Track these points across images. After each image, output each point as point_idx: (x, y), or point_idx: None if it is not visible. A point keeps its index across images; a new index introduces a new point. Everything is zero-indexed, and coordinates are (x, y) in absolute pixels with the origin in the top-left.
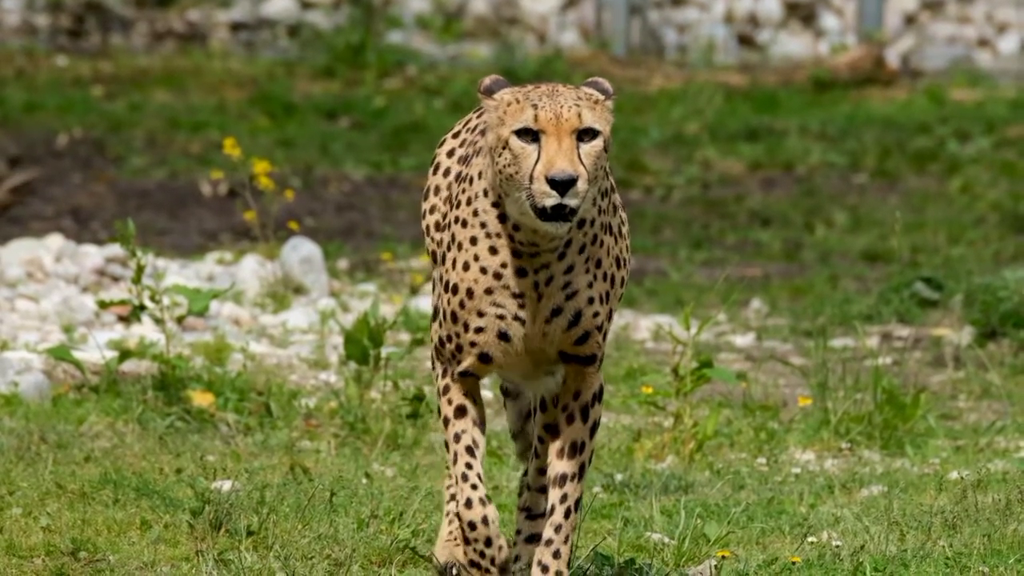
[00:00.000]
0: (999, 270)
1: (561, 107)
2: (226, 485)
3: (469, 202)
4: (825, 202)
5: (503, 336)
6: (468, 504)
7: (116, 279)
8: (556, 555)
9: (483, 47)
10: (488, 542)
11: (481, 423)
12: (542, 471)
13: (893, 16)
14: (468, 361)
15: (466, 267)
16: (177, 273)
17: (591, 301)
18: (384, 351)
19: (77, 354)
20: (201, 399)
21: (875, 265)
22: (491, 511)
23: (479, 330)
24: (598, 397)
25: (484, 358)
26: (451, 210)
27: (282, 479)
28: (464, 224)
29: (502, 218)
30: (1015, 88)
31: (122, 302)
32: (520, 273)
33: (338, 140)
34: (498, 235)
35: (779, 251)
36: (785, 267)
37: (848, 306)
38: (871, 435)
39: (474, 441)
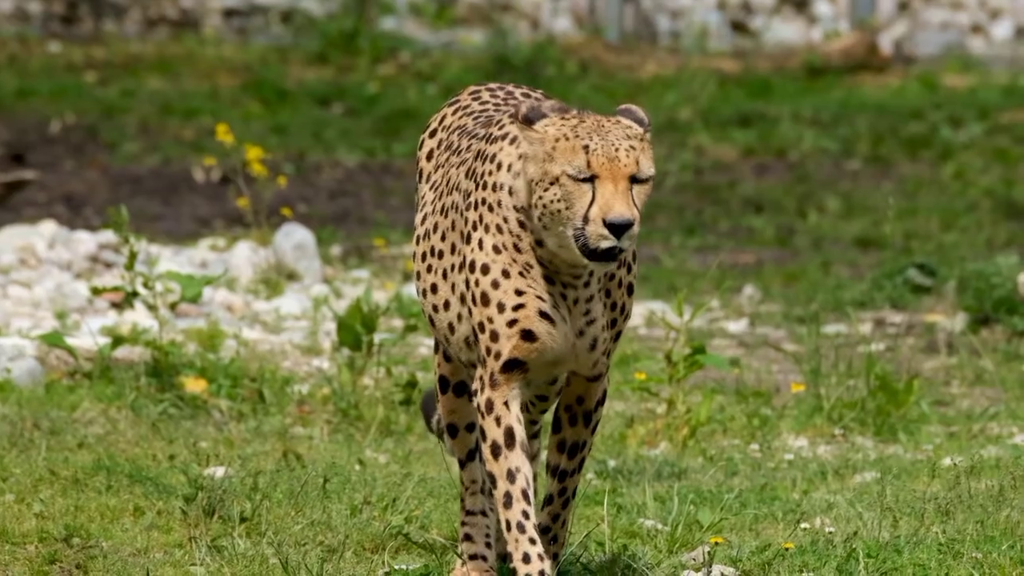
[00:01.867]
0: (992, 256)
1: (617, 150)
2: (219, 471)
3: (496, 188)
4: (818, 188)
5: (544, 316)
6: (526, 559)
7: (109, 265)
8: (554, 540)
9: (476, 33)
10: None
11: (527, 450)
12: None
13: (886, 2)
14: (509, 345)
15: (496, 250)
16: (170, 259)
17: (603, 329)
18: (377, 337)
19: (70, 340)
20: (194, 385)
21: (868, 251)
22: (548, 566)
23: (518, 307)
24: (601, 402)
25: (528, 335)
26: (476, 190)
27: (275, 465)
28: (491, 208)
29: (522, 224)
30: (1008, 74)
31: (115, 288)
32: (548, 281)
33: (331, 126)
34: (519, 236)
35: (772, 237)
36: (778, 253)
37: (841, 292)
38: (864, 421)
39: (528, 481)
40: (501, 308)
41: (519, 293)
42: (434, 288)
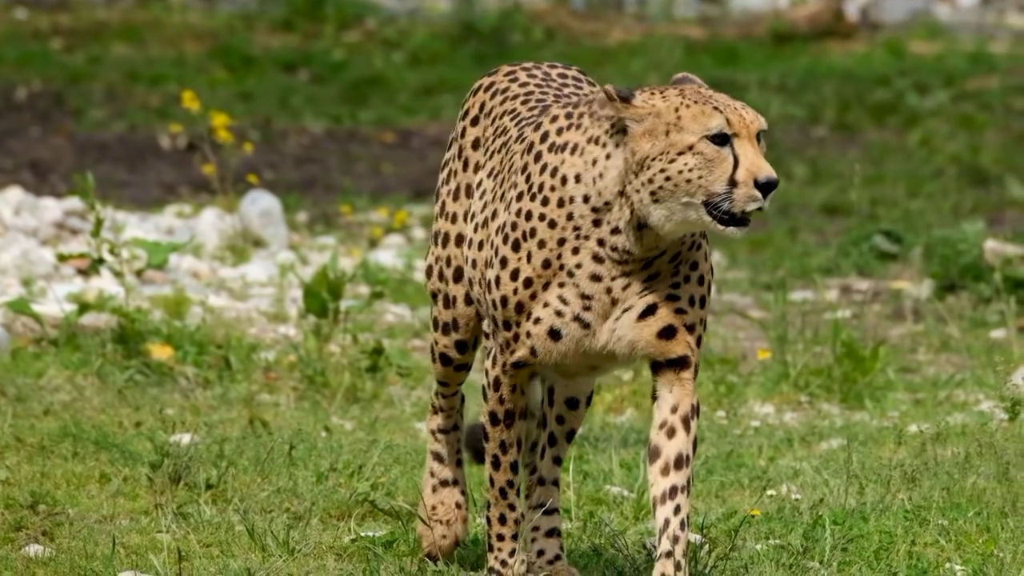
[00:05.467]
0: (958, 223)
1: (744, 110)
2: (185, 438)
3: (561, 203)
4: (784, 155)
5: (554, 334)
6: (502, 520)
7: (75, 232)
8: (678, 567)
9: (442, 0)
10: (513, 553)
11: (524, 425)
12: (557, 460)
13: None
14: (521, 352)
15: (546, 265)
16: (136, 226)
17: (673, 299)
18: (343, 304)
19: (36, 307)
20: (160, 352)
21: (834, 218)
22: (519, 530)
23: (537, 320)
24: (696, 411)
25: (535, 352)
26: (529, 200)
27: (241, 432)
28: (552, 225)
29: (596, 223)
30: (974, 41)
31: (81, 255)
32: (595, 278)
33: (297, 93)
34: (586, 237)
35: None
36: None
37: (807, 259)
38: (830, 388)
39: (518, 454)
40: (528, 317)
41: (545, 305)
42: (498, 281)
